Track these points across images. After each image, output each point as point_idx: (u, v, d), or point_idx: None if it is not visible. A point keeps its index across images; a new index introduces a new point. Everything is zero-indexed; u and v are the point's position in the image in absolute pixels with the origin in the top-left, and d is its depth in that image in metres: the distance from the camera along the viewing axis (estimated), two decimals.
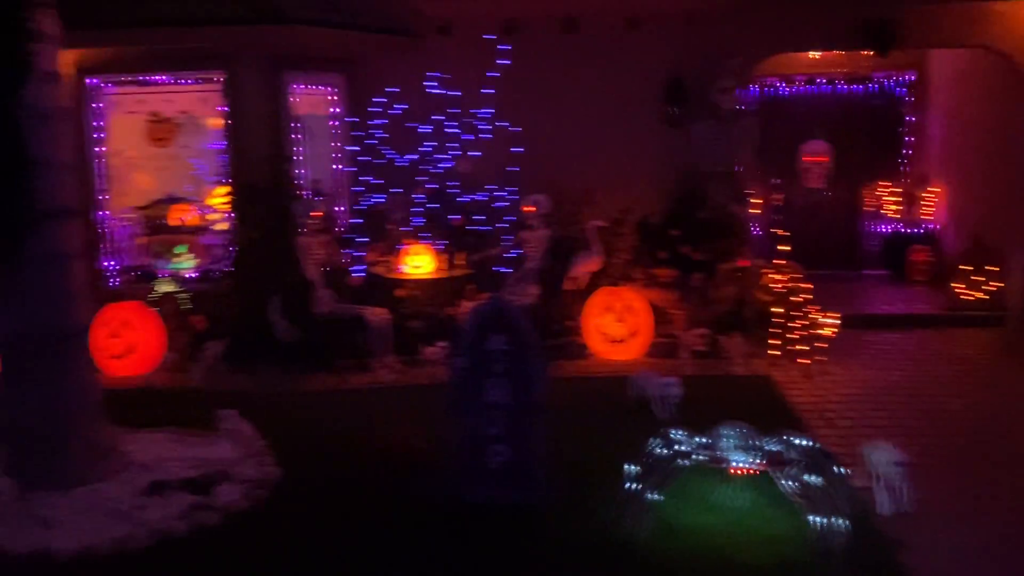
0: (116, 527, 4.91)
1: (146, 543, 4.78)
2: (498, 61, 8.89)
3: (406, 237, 8.69)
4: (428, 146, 9.04)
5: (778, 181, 11.41)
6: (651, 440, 4.87)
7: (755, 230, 10.19)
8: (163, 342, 8.26)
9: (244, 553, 4.72)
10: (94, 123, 9.08)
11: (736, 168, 9.12)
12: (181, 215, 9.95)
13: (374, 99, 9.11)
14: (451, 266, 8.63)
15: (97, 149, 9.12)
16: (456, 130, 9.01)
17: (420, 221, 8.93)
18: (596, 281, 8.56)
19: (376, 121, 9.18)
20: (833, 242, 11.42)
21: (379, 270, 8.68)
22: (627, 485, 4.75)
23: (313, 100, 9.84)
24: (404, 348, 8.14)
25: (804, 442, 4.74)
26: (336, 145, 9.85)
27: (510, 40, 9.07)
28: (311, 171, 9.71)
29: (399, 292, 8.47)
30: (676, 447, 4.75)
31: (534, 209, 8.44)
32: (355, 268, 8.63)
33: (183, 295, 8.69)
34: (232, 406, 6.51)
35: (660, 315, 8.32)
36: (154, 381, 7.90)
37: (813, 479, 4.53)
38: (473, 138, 9.01)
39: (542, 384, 5.10)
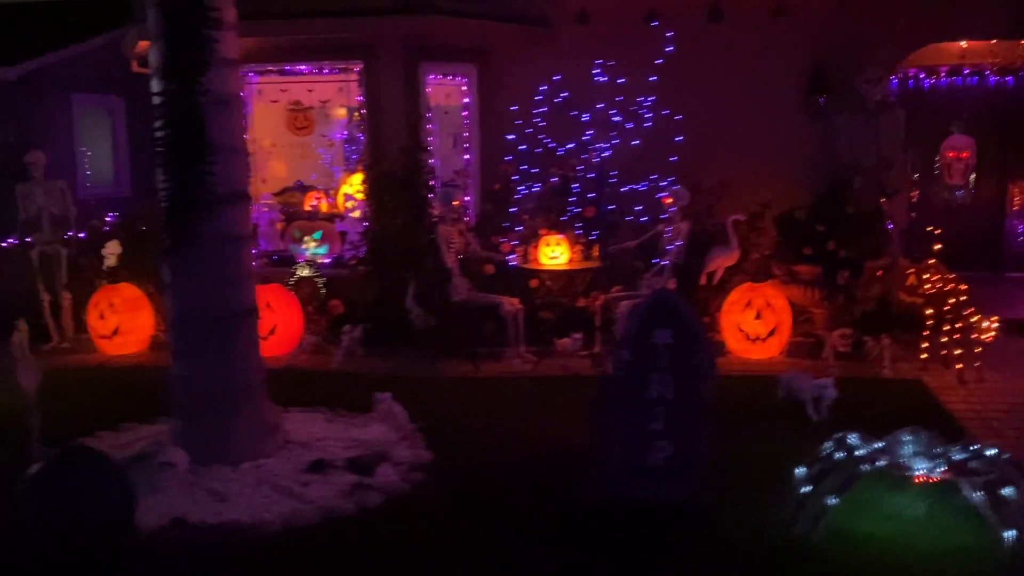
0: (284, 502, 5.05)
1: (314, 520, 4.87)
2: (640, 51, 8.77)
3: (542, 227, 8.67)
4: (588, 134, 9.02)
5: (918, 176, 10.91)
6: (825, 443, 4.70)
7: (897, 227, 9.75)
8: (302, 324, 8.49)
9: (409, 535, 4.76)
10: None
11: (882, 162, 8.75)
12: (315, 202, 10.23)
13: (540, 87, 9.18)
14: (586, 257, 8.57)
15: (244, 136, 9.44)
16: (618, 118, 8.94)
17: (569, 210, 8.89)
18: (731, 276, 8.36)
19: (531, 109, 9.23)
20: (974, 242, 10.81)
21: (514, 259, 8.70)
22: (800, 488, 4.60)
23: (445, 90, 9.96)
24: (535, 339, 8.14)
25: (993, 452, 4.50)
26: (466, 135, 9.93)
27: (650, 30, 8.93)
28: (442, 160, 9.82)
29: (532, 282, 8.47)
30: (854, 451, 4.57)
31: (672, 201, 8.29)
32: (509, 257, 8.63)
33: (320, 279, 8.93)
34: (374, 389, 6.61)
35: (797, 313, 8.07)
36: (294, 362, 8.13)
37: (1008, 492, 4.28)
38: (632, 126, 8.95)
39: (709, 380, 4.98)
